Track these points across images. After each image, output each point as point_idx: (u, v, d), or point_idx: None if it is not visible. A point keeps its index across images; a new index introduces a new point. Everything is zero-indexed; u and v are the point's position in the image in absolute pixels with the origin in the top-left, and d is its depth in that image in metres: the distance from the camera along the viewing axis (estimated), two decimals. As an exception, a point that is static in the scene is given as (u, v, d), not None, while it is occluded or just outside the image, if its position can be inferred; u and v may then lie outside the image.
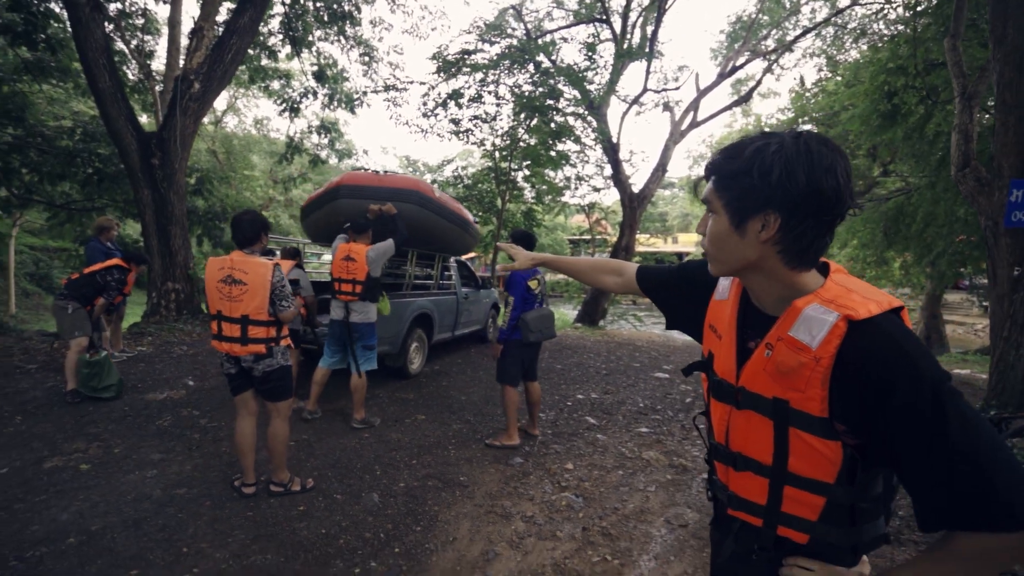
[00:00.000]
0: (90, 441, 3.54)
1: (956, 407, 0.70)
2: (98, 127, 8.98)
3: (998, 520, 0.67)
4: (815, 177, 0.75)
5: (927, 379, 0.71)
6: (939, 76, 6.40)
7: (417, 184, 5.41)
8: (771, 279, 0.86)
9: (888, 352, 0.73)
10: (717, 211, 0.86)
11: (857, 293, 0.80)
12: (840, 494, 0.83)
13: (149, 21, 12.15)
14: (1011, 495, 0.66)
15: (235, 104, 22.19)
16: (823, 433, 0.80)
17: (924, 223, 9.26)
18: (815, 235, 0.80)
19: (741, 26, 14.49)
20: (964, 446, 0.68)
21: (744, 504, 0.95)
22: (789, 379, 0.82)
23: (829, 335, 0.77)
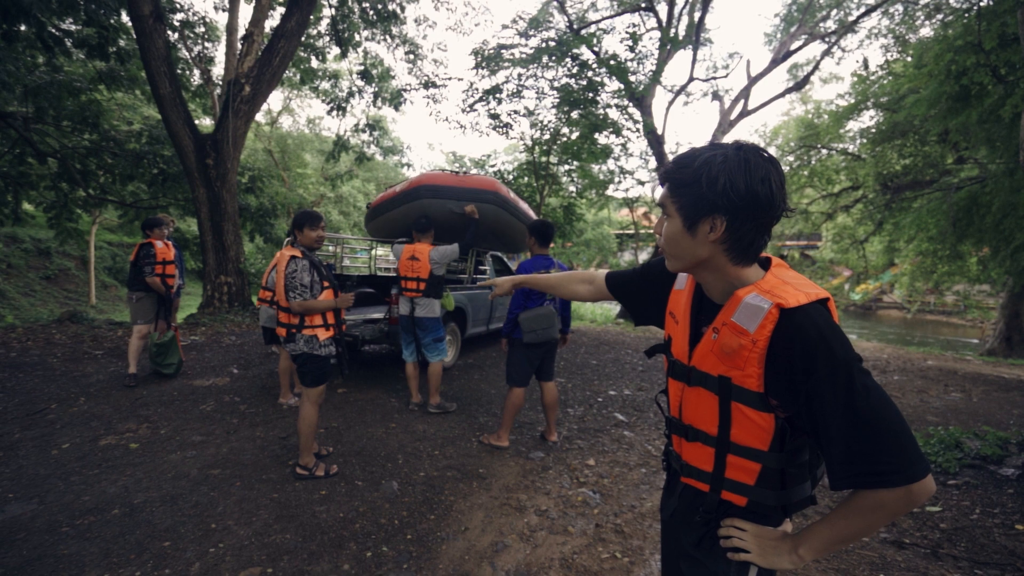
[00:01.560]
0: (141, 422, 3.83)
1: (863, 383, 0.81)
2: (162, 131, 9.65)
3: (889, 477, 0.79)
4: (752, 186, 0.87)
5: (841, 359, 0.82)
6: (1016, 52, 5.81)
7: (495, 185, 5.51)
8: (718, 274, 0.98)
9: (810, 336, 0.84)
10: (672, 214, 0.97)
11: (791, 285, 0.90)
12: (773, 460, 0.95)
13: (210, 29, 12.91)
14: (900, 457, 0.79)
15: (289, 105, 23.22)
16: (759, 406, 0.92)
17: (1001, 213, 8.46)
18: (754, 235, 0.92)
19: (798, 7, 13.71)
20: (867, 416, 0.80)
21: (694, 471, 1.07)
22: (731, 359, 0.93)
23: (764, 320, 0.88)
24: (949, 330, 19.68)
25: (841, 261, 16.55)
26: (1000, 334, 11.97)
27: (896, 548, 2.51)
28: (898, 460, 0.79)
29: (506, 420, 3.75)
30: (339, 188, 20.55)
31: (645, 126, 11.84)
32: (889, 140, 11.94)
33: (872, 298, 24.24)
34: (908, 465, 0.79)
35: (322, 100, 13.32)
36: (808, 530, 0.93)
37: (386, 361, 6.30)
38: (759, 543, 0.97)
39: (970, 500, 2.95)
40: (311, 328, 3.01)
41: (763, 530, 0.98)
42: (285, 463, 3.28)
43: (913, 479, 0.79)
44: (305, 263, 2.96)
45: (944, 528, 2.68)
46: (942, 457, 3.42)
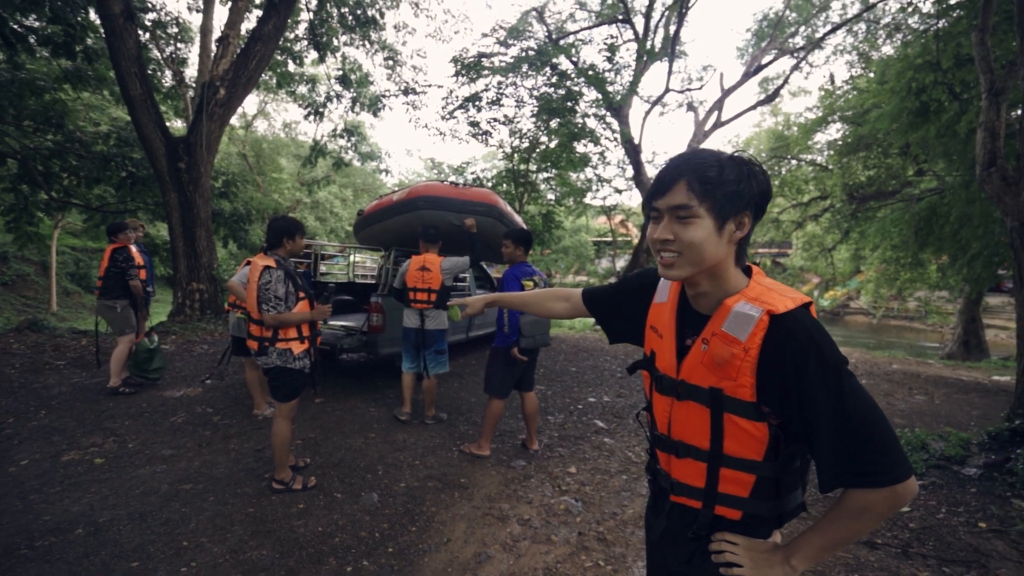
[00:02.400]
0: (107, 436, 3.68)
1: (851, 386, 0.84)
2: (131, 133, 9.37)
3: (875, 477, 0.82)
4: (766, 181, 0.94)
5: (831, 362, 0.84)
6: (971, 72, 6.11)
7: (494, 198, 5.51)
8: (718, 279, 0.97)
9: (801, 340, 0.86)
10: (700, 215, 0.91)
11: (775, 292, 0.92)
12: (767, 469, 0.94)
13: (183, 30, 12.61)
14: (886, 458, 0.81)
15: (265, 109, 22.82)
16: (753, 416, 0.92)
17: (958, 224, 8.86)
18: (751, 234, 0.96)
19: (768, 23, 14.15)
20: (855, 418, 0.82)
21: (685, 489, 1.05)
22: (723, 369, 0.93)
23: (755, 328, 0.89)
24: (912, 335, 20.43)
25: (810, 268, 17.04)
26: (958, 338, 12.48)
27: (869, 548, 2.58)
28: (884, 461, 0.81)
29: (486, 430, 3.71)
30: (316, 194, 20.26)
31: (622, 135, 12.02)
32: (854, 152, 12.39)
33: (840, 304, 25.01)
34: (893, 466, 0.81)
35: (299, 105, 13.15)
36: (798, 540, 0.94)
37: (364, 370, 6.21)
38: (751, 556, 0.96)
39: (936, 500, 3.06)
40: (285, 341, 2.90)
41: (754, 543, 0.98)
42: (260, 476, 3.19)
43: (898, 480, 0.81)
44: (280, 273, 2.84)
45: (913, 528, 2.77)
46: (911, 458, 3.51)
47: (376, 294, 5.05)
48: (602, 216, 18.47)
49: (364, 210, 6.03)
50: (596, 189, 14.06)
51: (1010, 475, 3.15)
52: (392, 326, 5.01)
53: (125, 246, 4.63)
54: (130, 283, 4.59)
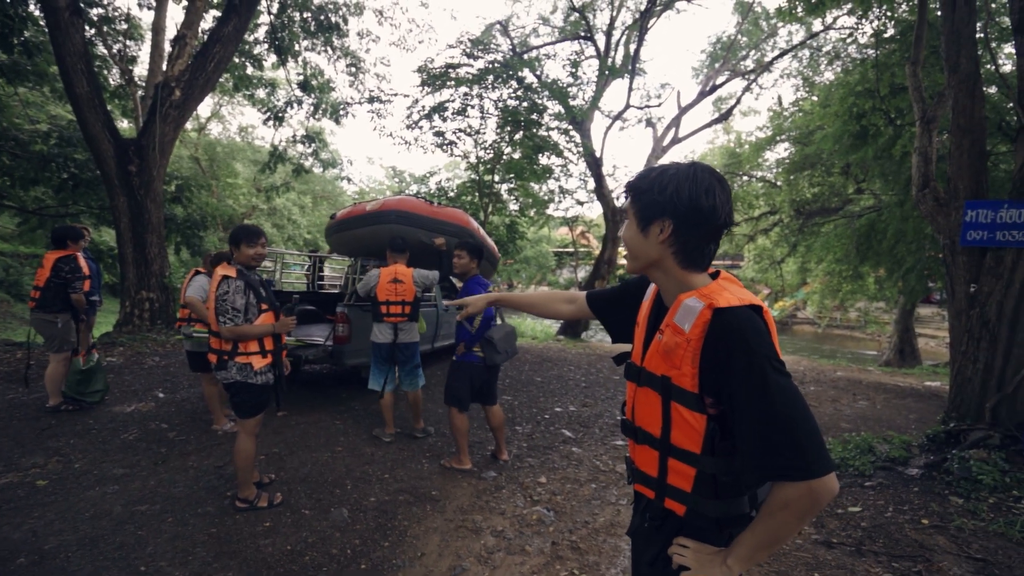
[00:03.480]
0: (49, 456, 3.44)
1: (776, 381, 0.86)
2: (74, 132, 8.86)
3: (790, 472, 0.84)
4: (696, 195, 0.97)
5: (758, 355, 0.87)
6: (904, 100, 6.64)
7: (467, 219, 5.50)
8: (668, 276, 1.05)
9: (734, 333, 0.90)
10: (630, 218, 1.07)
11: (728, 291, 0.96)
12: (707, 464, 0.97)
13: (132, 27, 12.06)
14: (803, 453, 0.83)
15: (219, 111, 22.04)
16: (694, 406, 0.96)
17: (894, 239, 9.53)
18: (700, 241, 1.00)
19: (721, 46, 14.87)
20: (777, 412, 0.85)
21: (642, 476, 1.11)
22: (671, 358, 0.99)
23: (697, 319, 0.94)
24: (853, 343, 21.67)
25: (761, 280, 17.85)
26: (895, 347, 13.35)
27: (826, 548, 2.73)
28: (801, 456, 0.83)
29: (461, 443, 3.67)
30: (273, 200, 19.65)
31: (585, 148, 12.30)
32: (801, 170, 13.14)
33: (788, 314, 26.26)
34: (812, 462, 0.83)
35: (258, 109, 12.77)
36: (735, 541, 0.98)
37: (327, 381, 6.06)
38: (697, 558, 1.00)
39: (884, 499, 3.27)
40: (245, 355, 2.76)
41: (702, 547, 1.01)
42: (223, 495, 3.06)
43: (815, 475, 0.83)
44: (239, 284, 2.70)
45: (864, 527, 2.94)
46: (859, 461, 3.76)
47: (342, 304, 4.96)
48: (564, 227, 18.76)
49: (337, 215, 5.93)
50: (559, 200, 14.30)
51: (947, 474, 3.40)
52: (358, 336, 4.93)
53: (73, 255, 4.29)
54: (72, 296, 4.24)
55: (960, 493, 3.22)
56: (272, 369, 2.88)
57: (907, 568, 2.52)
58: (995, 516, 2.93)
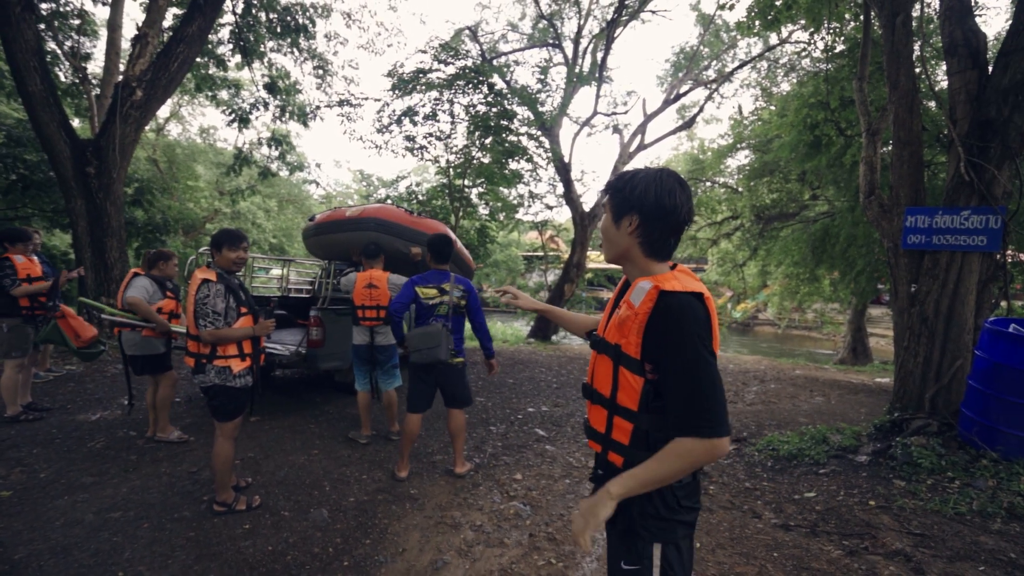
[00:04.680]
0: (11, 466, 3.34)
1: (697, 355, 1.04)
2: (25, 131, 8.48)
3: (702, 429, 1.03)
4: (660, 195, 1.16)
5: (687, 334, 1.05)
6: (853, 112, 7.06)
7: (446, 231, 5.52)
8: (634, 264, 1.24)
9: (673, 313, 1.07)
10: (607, 212, 1.26)
11: (676, 279, 1.13)
12: (642, 420, 1.15)
13: (86, 22, 11.59)
14: (713, 417, 1.03)
15: (179, 112, 21.33)
16: (636, 371, 1.14)
17: (846, 243, 10.06)
18: (662, 234, 1.19)
19: (684, 56, 15.39)
20: (695, 382, 1.04)
21: (593, 432, 1.29)
22: (622, 329, 1.16)
23: (645, 298, 1.12)
24: (811, 343, 22.63)
25: (724, 283, 18.45)
26: (848, 346, 14.05)
27: (784, 531, 2.93)
28: (711, 419, 1.03)
29: (400, 448, 3.56)
30: (238, 204, 19.14)
31: (553, 154, 12.51)
32: (760, 177, 13.71)
33: (750, 316, 27.20)
34: (718, 425, 1.03)
35: (221, 110, 12.45)
36: (622, 473, 1.13)
37: (301, 386, 6.00)
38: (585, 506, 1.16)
39: (836, 485, 3.51)
40: (224, 359, 2.77)
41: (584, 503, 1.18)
42: (199, 499, 3.05)
43: (717, 435, 1.03)
44: (219, 288, 2.71)
45: (819, 510, 3.17)
46: (814, 450, 4.02)
47: (315, 308, 4.95)
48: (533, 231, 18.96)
49: (316, 217, 5.91)
50: (528, 205, 14.48)
51: (892, 460, 3.68)
52: (331, 340, 4.93)
53: (6, 256, 4.16)
54: (12, 291, 4.10)
55: (902, 476, 3.49)
56: (251, 372, 2.89)
57: (856, 545, 2.74)
58: (932, 496, 3.20)
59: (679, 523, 1.17)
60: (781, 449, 4.17)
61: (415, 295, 3.36)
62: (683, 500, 1.17)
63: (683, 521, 1.18)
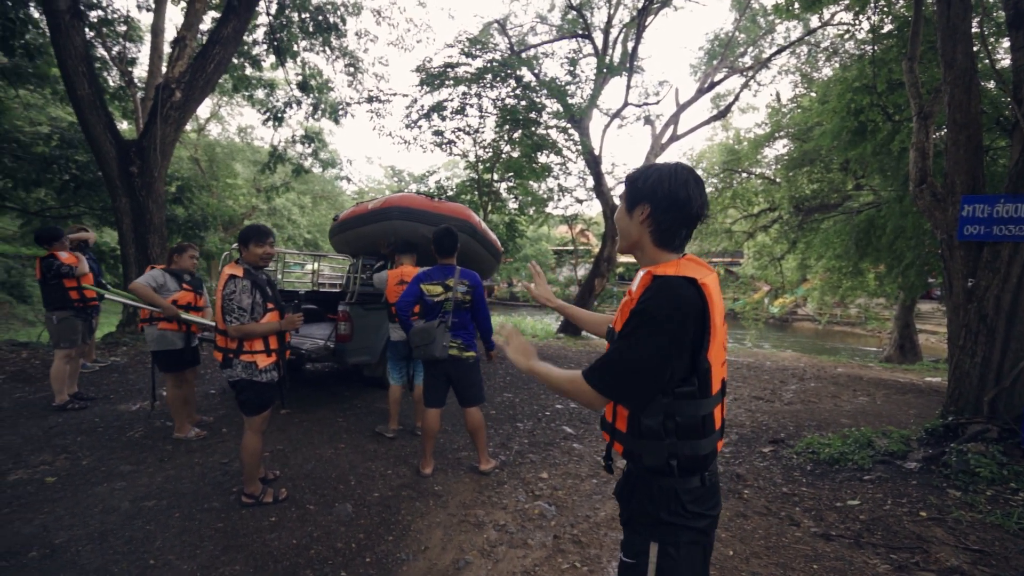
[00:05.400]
0: (57, 453, 3.48)
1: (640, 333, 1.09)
2: (76, 134, 8.88)
3: (593, 378, 1.16)
4: (673, 187, 1.18)
5: (647, 310, 1.10)
6: (902, 95, 6.65)
7: (468, 214, 5.52)
8: (644, 254, 1.26)
9: (652, 291, 1.12)
10: (622, 202, 1.29)
11: (674, 266, 1.16)
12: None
13: (132, 28, 12.07)
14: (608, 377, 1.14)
15: (219, 112, 22.04)
16: None
17: (894, 235, 9.53)
18: (672, 225, 1.20)
19: (719, 43, 14.87)
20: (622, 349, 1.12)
21: (605, 423, 1.33)
22: (622, 315, 1.20)
23: (640, 282, 1.17)
24: (854, 339, 21.69)
25: (761, 277, 17.85)
26: (895, 343, 13.36)
27: (825, 540, 2.76)
28: (601, 371, 1.15)
29: (423, 444, 3.55)
30: (273, 200, 19.68)
31: (583, 147, 12.31)
32: (800, 167, 13.14)
33: (788, 311, 26.29)
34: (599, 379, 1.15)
35: (257, 109, 12.78)
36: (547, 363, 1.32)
37: (331, 380, 6.09)
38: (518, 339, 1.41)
39: (882, 492, 3.30)
40: (250, 354, 2.80)
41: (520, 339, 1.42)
42: (228, 490, 3.10)
43: (590, 382, 1.16)
44: (246, 283, 2.73)
45: (863, 519, 2.98)
46: (857, 455, 3.79)
47: (343, 303, 4.99)
48: (563, 225, 18.76)
49: (339, 216, 5.98)
50: (558, 199, 14.31)
51: (945, 467, 3.43)
52: (360, 335, 4.96)
53: (53, 255, 4.37)
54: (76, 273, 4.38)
55: (958, 486, 3.25)
56: (277, 367, 2.91)
57: (905, 559, 2.56)
58: (992, 508, 2.96)
59: (683, 528, 1.15)
60: (821, 452, 3.96)
61: (420, 292, 3.33)
62: (689, 505, 1.15)
63: (688, 527, 1.15)
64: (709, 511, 1.18)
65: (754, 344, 16.71)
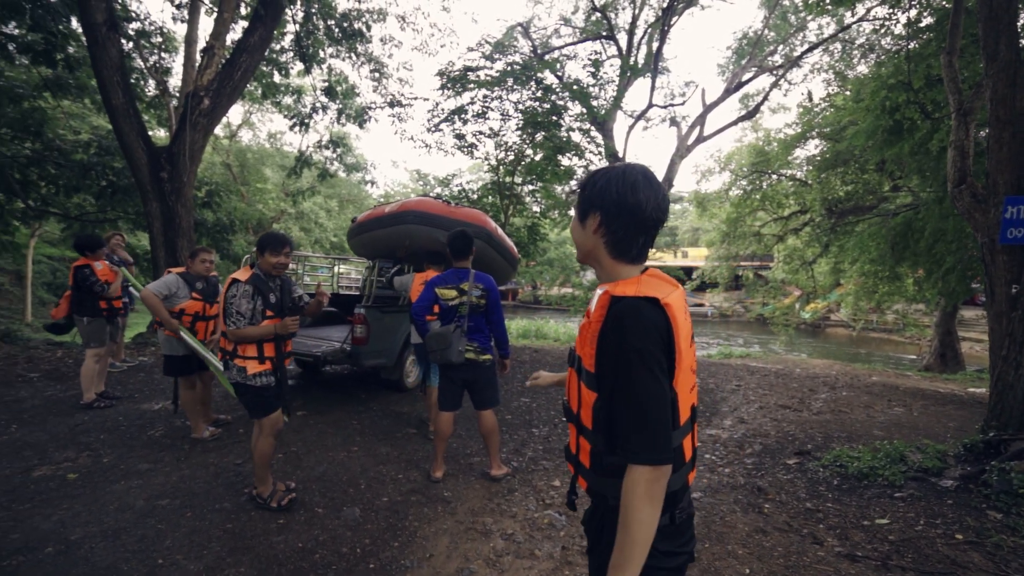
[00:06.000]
0: (80, 450, 3.58)
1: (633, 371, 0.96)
2: (112, 141, 9.22)
3: (638, 455, 0.95)
4: (623, 192, 1.07)
5: (626, 347, 0.97)
6: (941, 92, 6.33)
7: (484, 220, 5.53)
8: (601, 267, 1.15)
9: (617, 320, 1.00)
10: (575, 212, 1.19)
11: (634, 284, 1.05)
12: (596, 440, 1.08)
13: (167, 39, 12.53)
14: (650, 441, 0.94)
15: (250, 119, 22.70)
16: (591, 384, 1.07)
17: (933, 239, 9.09)
18: (627, 233, 1.09)
19: (747, 42, 14.55)
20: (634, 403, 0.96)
21: (568, 454, 1.23)
22: (582, 340, 1.10)
23: (598, 305, 1.05)
24: (890, 347, 20.83)
25: (792, 281, 17.31)
26: (935, 351, 12.75)
27: (849, 561, 2.61)
28: (648, 443, 0.94)
29: (436, 450, 3.52)
30: (300, 204, 20.11)
31: (607, 149, 12.18)
32: (833, 168, 12.70)
33: (821, 317, 25.43)
34: (654, 450, 0.94)
35: (284, 115, 13.09)
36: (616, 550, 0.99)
37: (347, 382, 6.14)
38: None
39: (914, 512, 3.11)
40: (242, 359, 2.79)
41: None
42: (240, 491, 3.13)
43: (654, 462, 0.94)
44: (248, 288, 2.73)
45: (892, 540, 2.80)
46: (888, 471, 3.59)
47: (360, 305, 5.02)
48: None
49: (357, 218, 6.04)
50: (581, 202, 14.19)
51: (985, 487, 3.21)
52: (376, 338, 4.98)
53: (87, 264, 4.53)
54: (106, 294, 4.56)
55: (999, 507, 3.03)
56: (272, 373, 2.87)
57: (937, 584, 2.39)
58: (1037, 531, 2.75)
59: (656, 569, 1.03)
60: (850, 466, 3.76)
61: (435, 296, 3.32)
62: (660, 545, 1.02)
63: (660, 567, 1.04)
64: (681, 548, 1.09)
65: (785, 350, 16.20)
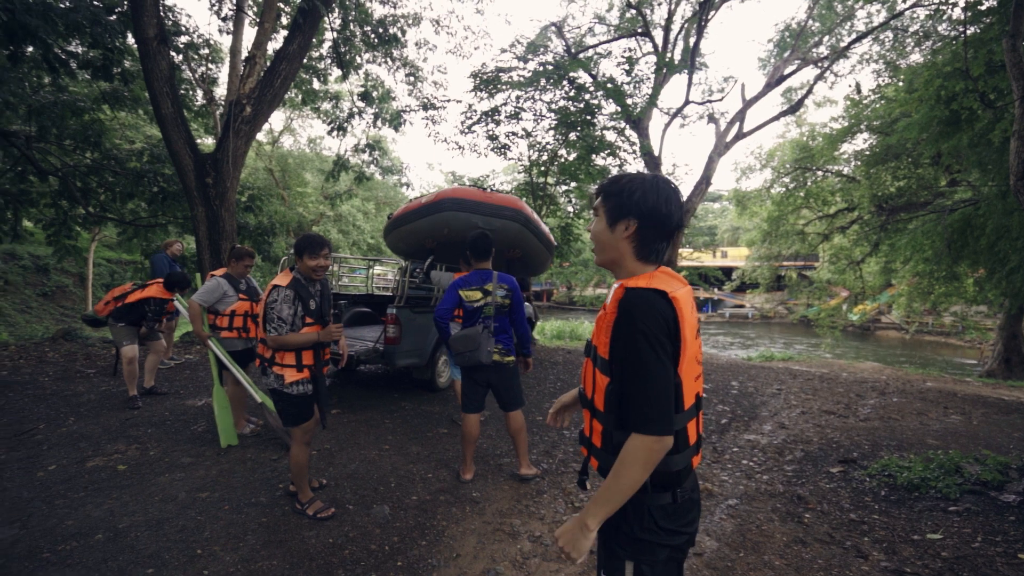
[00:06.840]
0: (130, 443, 3.78)
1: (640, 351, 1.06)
2: (162, 149, 9.72)
3: (643, 425, 1.05)
4: (658, 203, 1.18)
5: (636, 330, 1.06)
6: (1003, 79, 5.91)
7: (520, 204, 5.56)
8: (623, 268, 1.23)
9: (628, 307, 1.10)
10: (600, 216, 1.25)
11: (646, 277, 1.16)
12: (608, 421, 1.18)
13: (213, 51, 13.12)
14: (649, 412, 1.05)
15: (291, 125, 23.48)
16: (604, 370, 1.16)
17: (995, 235, 8.51)
18: (654, 239, 1.20)
19: (790, 34, 14.01)
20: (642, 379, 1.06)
21: (582, 437, 1.31)
22: (598, 330, 1.20)
23: (613, 296, 1.16)
24: (948, 351, 19.64)
25: (838, 282, 16.58)
26: (999, 355, 11.94)
27: (897, 577, 2.46)
28: (652, 416, 1.04)
29: (463, 450, 3.49)
30: (339, 207, 20.67)
31: (642, 148, 11.97)
32: (883, 162, 12.08)
33: (870, 319, 24.23)
34: (654, 422, 1.04)
35: (323, 120, 13.48)
36: (591, 501, 1.10)
37: (380, 381, 6.25)
38: (565, 530, 1.13)
39: (971, 527, 2.90)
40: (280, 366, 2.75)
41: (564, 528, 1.15)
42: (275, 486, 3.22)
43: (655, 432, 1.04)
44: (289, 293, 2.67)
45: (945, 556, 2.63)
46: (942, 482, 3.37)
47: (392, 306, 5.09)
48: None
49: (393, 213, 6.15)
50: (615, 202, 13.99)
51: (1052, 501, 2.98)
52: (408, 337, 5.05)
53: (168, 299, 4.81)
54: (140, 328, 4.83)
55: (1068, 524, 2.80)
56: (310, 382, 2.82)
57: (996, 606, 2.22)
58: (1113, 553, 2.52)
59: (658, 545, 1.14)
60: (899, 476, 3.55)
61: (459, 298, 3.31)
62: (661, 522, 1.14)
63: (663, 544, 1.14)
64: (684, 528, 1.17)
65: (831, 353, 15.50)
